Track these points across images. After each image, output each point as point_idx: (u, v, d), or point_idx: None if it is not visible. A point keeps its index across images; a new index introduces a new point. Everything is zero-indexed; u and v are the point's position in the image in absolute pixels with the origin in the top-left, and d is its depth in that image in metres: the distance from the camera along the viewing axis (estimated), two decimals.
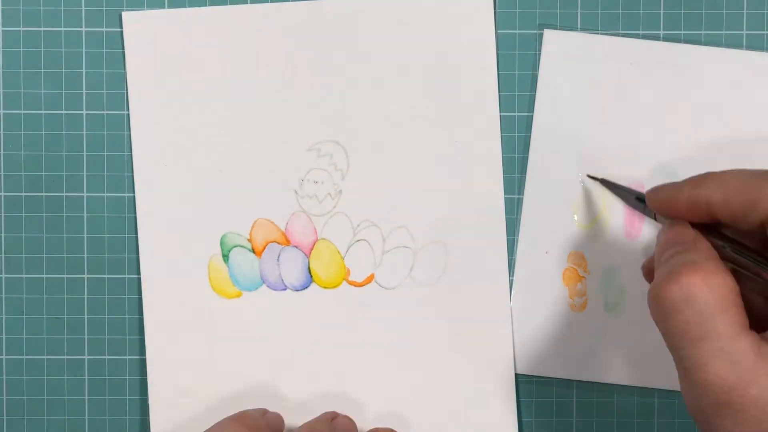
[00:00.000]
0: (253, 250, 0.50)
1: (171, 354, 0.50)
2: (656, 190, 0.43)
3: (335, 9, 0.49)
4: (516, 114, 0.50)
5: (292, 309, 0.50)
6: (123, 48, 0.50)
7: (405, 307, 0.50)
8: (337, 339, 0.50)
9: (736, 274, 0.39)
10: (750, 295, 0.40)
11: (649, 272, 0.44)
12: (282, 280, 0.50)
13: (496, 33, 0.49)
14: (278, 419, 0.49)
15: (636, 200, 0.47)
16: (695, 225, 0.41)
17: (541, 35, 0.50)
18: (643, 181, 0.50)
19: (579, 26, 0.50)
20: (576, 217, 0.50)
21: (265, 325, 0.50)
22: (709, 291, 0.37)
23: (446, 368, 0.50)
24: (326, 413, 0.49)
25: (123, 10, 0.50)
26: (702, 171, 0.49)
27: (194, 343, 0.50)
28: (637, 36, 0.50)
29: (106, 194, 0.51)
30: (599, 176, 0.49)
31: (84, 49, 0.50)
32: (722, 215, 0.39)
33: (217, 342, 0.50)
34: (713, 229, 0.41)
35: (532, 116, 0.50)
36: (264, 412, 0.49)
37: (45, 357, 0.51)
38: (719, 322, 0.36)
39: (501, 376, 0.50)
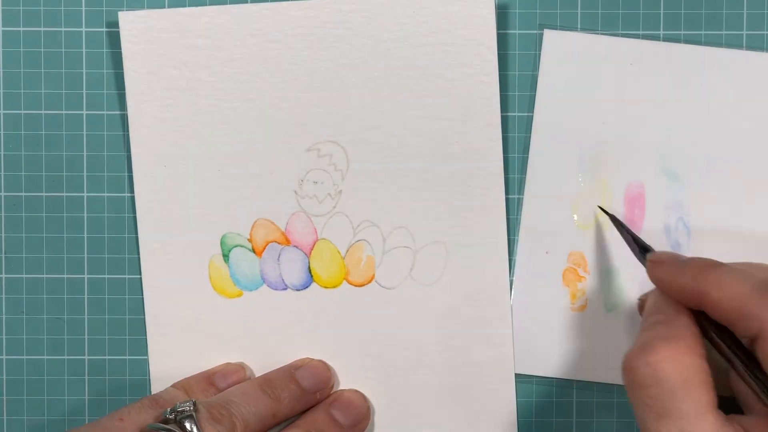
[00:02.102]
0: (253, 250, 0.50)
1: (171, 354, 0.50)
2: (657, 264, 0.42)
3: (335, 9, 0.49)
4: (516, 114, 0.50)
5: (292, 309, 0.50)
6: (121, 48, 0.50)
7: (405, 307, 0.50)
8: (337, 338, 0.50)
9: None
10: (731, 376, 0.40)
11: (641, 308, 0.44)
12: (282, 279, 0.50)
13: (497, 33, 0.49)
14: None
15: (637, 247, 0.46)
16: None
17: (541, 35, 0.50)
18: (643, 181, 0.50)
19: (579, 26, 0.50)
20: (576, 217, 0.50)
21: (266, 325, 0.50)
22: (677, 370, 0.37)
23: (446, 368, 0.50)
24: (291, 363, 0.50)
25: (123, 10, 0.50)
26: (702, 171, 0.49)
27: (194, 343, 0.50)
28: (637, 36, 0.50)
29: (106, 194, 0.51)
30: (610, 212, 0.49)
31: (84, 49, 0.50)
32: (714, 315, 0.39)
33: (217, 342, 0.50)
34: None
35: (532, 116, 0.50)
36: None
37: (45, 357, 0.51)
38: (684, 402, 0.37)
39: (501, 376, 0.50)
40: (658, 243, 0.49)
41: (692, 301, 0.40)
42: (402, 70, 0.50)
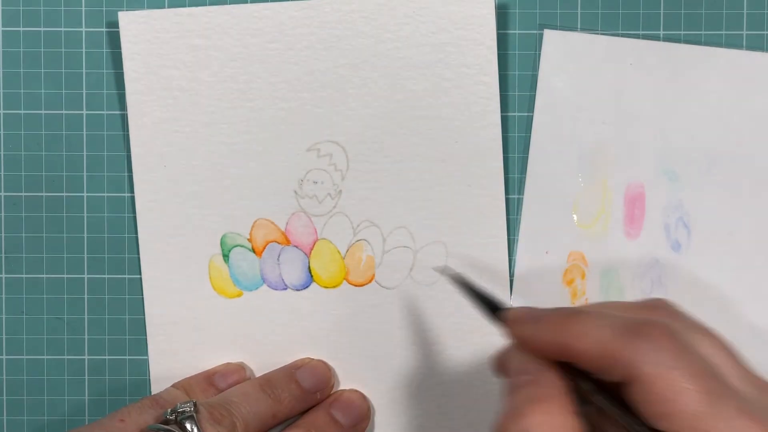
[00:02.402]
0: (253, 250, 0.50)
1: (171, 354, 0.50)
2: (517, 321, 0.40)
3: (335, 8, 0.49)
4: (516, 114, 0.50)
5: (292, 309, 0.50)
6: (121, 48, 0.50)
7: (405, 307, 0.50)
8: (337, 338, 0.50)
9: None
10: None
11: (494, 367, 0.42)
12: (282, 279, 0.50)
13: (497, 33, 0.49)
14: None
15: (487, 307, 0.42)
16: None
17: (541, 35, 0.50)
18: (643, 181, 0.50)
19: (579, 26, 0.50)
20: (576, 217, 0.50)
21: (266, 325, 0.50)
22: None
23: (446, 368, 0.50)
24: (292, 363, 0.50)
25: (123, 10, 0.50)
26: (702, 171, 0.49)
27: (194, 343, 0.50)
28: (637, 36, 0.50)
29: (106, 194, 0.51)
30: (455, 273, 0.45)
31: (84, 49, 0.50)
32: (581, 365, 0.38)
33: (217, 342, 0.50)
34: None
35: (532, 116, 0.50)
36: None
37: (45, 357, 0.51)
38: None
39: None
40: (658, 243, 0.49)
41: (556, 354, 0.38)
42: (402, 70, 0.50)
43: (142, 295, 0.51)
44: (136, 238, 0.50)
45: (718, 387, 0.35)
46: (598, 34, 0.50)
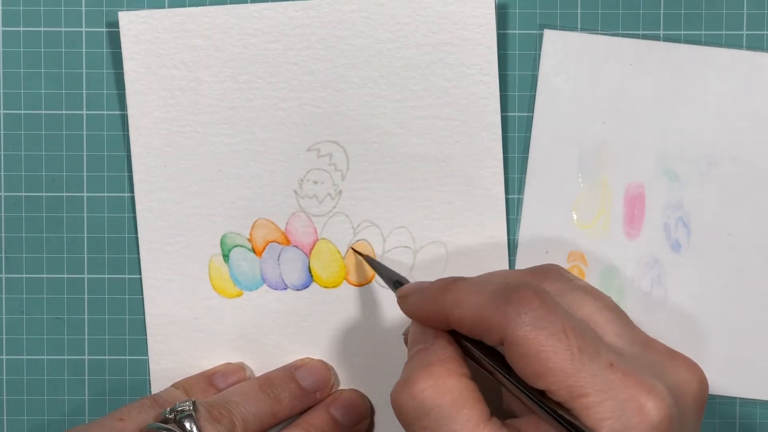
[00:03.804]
0: (253, 250, 0.50)
1: (171, 354, 0.50)
2: (404, 297, 0.42)
3: (335, 8, 0.49)
4: (516, 114, 0.50)
5: (292, 309, 0.50)
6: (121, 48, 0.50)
7: None
8: (337, 338, 0.50)
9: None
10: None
11: (406, 342, 0.44)
12: (282, 279, 0.50)
13: (497, 33, 0.49)
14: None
15: (391, 282, 0.46)
16: None
17: (541, 35, 0.50)
18: (643, 181, 0.50)
19: (579, 26, 0.50)
20: (576, 217, 0.50)
21: (266, 325, 0.50)
22: (440, 396, 0.37)
23: None
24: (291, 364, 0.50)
25: (123, 10, 0.50)
26: (702, 171, 0.49)
27: (194, 343, 0.50)
28: (637, 36, 0.50)
29: (106, 194, 0.51)
30: (364, 254, 0.49)
31: (84, 49, 0.50)
32: (462, 332, 0.39)
33: (217, 342, 0.50)
34: None
35: (532, 116, 0.50)
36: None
37: (45, 357, 0.51)
38: (456, 423, 0.37)
39: None
40: (658, 243, 0.49)
41: (441, 324, 0.40)
42: (402, 70, 0.50)
43: (142, 295, 0.51)
44: (136, 238, 0.50)
45: (589, 344, 0.36)
46: (598, 34, 0.50)
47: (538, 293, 0.37)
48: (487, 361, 0.39)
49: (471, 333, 0.39)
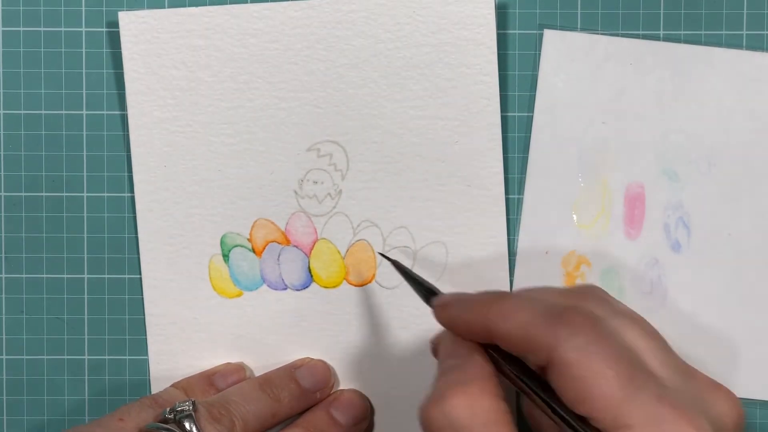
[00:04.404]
0: (253, 250, 0.50)
1: (171, 354, 0.50)
2: (443, 307, 0.41)
3: (335, 9, 0.49)
4: (516, 114, 0.50)
5: (292, 309, 0.50)
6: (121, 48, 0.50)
7: (405, 307, 0.50)
8: (337, 338, 0.50)
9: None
10: (534, 410, 0.40)
11: (434, 351, 0.43)
12: (282, 279, 0.50)
13: (497, 33, 0.49)
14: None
15: (423, 292, 0.44)
16: None
17: (541, 35, 0.50)
18: (643, 181, 0.50)
19: (579, 26, 0.50)
20: (576, 217, 0.50)
21: (266, 325, 0.50)
22: (471, 416, 0.36)
23: None
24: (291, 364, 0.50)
25: (122, 10, 0.50)
26: (702, 171, 0.49)
27: (194, 343, 0.50)
28: (637, 36, 0.50)
29: (106, 194, 0.51)
30: (392, 258, 0.47)
31: (84, 49, 0.50)
32: (505, 347, 0.38)
33: (217, 342, 0.50)
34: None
35: (532, 116, 0.50)
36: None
37: (45, 357, 0.51)
38: None
39: None
40: (658, 243, 0.49)
41: (482, 337, 0.39)
42: (402, 70, 0.50)
43: (142, 295, 0.51)
44: (136, 238, 0.50)
45: (637, 373, 0.36)
46: (598, 34, 0.50)
47: (592, 317, 0.37)
48: (527, 382, 0.38)
49: (515, 349, 0.38)
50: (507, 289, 0.50)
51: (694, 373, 0.38)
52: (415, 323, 0.50)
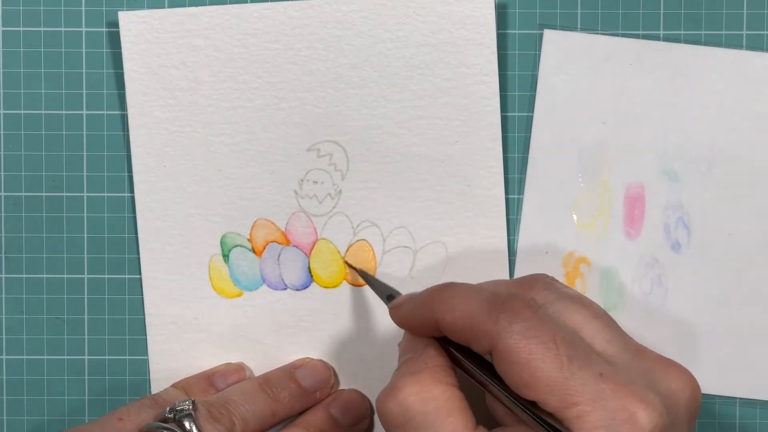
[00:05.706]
0: (253, 250, 0.50)
1: (171, 354, 0.50)
2: (397, 308, 0.42)
3: (335, 9, 0.49)
4: (516, 114, 0.50)
5: (292, 309, 0.50)
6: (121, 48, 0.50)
7: None
8: (337, 338, 0.50)
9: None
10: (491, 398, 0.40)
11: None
12: (282, 279, 0.51)
13: (497, 33, 0.49)
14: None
15: (384, 296, 0.46)
16: None
17: (541, 35, 0.50)
18: (643, 181, 0.50)
19: (579, 26, 0.50)
20: (576, 217, 0.50)
21: (266, 325, 0.50)
22: (424, 404, 0.37)
23: None
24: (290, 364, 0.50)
25: (122, 10, 0.50)
26: (702, 171, 0.49)
27: (194, 343, 0.50)
28: (637, 36, 0.50)
29: (106, 194, 0.51)
30: (358, 267, 0.49)
31: (84, 49, 0.50)
32: (452, 337, 0.39)
33: (217, 342, 0.50)
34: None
35: (532, 116, 0.50)
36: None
37: (45, 357, 0.51)
38: (439, 431, 0.37)
39: None
40: (658, 243, 0.49)
41: (432, 331, 0.40)
42: (402, 70, 0.50)
43: (142, 295, 0.51)
44: (136, 238, 0.50)
45: (579, 352, 0.36)
46: (598, 34, 0.50)
47: (529, 303, 0.37)
48: (478, 370, 0.39)
49: (460, 338, 0.39)
50: None
51: (644, 350, 0.39)
52: None
